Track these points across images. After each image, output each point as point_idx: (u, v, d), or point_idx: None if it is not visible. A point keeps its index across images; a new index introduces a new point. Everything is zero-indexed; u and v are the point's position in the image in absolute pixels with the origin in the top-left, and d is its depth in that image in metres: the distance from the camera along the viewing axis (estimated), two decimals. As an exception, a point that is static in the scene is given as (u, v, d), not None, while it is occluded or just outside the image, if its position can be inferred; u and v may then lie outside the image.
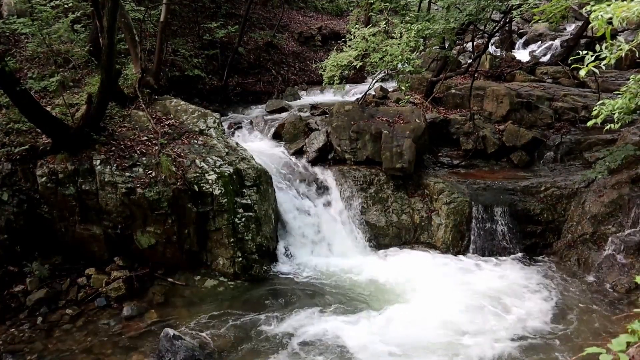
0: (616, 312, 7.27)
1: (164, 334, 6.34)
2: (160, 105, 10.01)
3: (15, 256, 7.62)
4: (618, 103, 5.65)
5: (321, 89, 15.49)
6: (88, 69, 10.30)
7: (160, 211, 7.95)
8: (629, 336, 2.55)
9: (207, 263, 8.49)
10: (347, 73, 10.43)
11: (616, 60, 4.26)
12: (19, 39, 10.54)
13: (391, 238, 9.68)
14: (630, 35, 14.96)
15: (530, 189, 9.72)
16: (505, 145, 11.03)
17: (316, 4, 22.73)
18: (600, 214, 8.76)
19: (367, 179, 10.07)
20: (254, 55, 16.71)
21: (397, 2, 11.92)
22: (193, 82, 13.86)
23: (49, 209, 7.91)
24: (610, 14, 3.52)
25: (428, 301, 7.57)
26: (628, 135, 9.50)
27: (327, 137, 10.71)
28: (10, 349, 6.55)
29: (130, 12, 10.57)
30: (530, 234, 9.46)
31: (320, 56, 17.76)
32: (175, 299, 7.76)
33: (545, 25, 18.91)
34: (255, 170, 9.09)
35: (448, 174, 10.50)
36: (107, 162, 8.02)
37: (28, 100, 7.42)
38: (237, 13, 17.74)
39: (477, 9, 10.42)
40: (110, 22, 7.40)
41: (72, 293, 7.56)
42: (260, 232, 8.63)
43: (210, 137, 9.45)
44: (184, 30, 15.39)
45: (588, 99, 11.77)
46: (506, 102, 11.62)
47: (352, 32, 10.34)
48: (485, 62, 14.95)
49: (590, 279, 8.21)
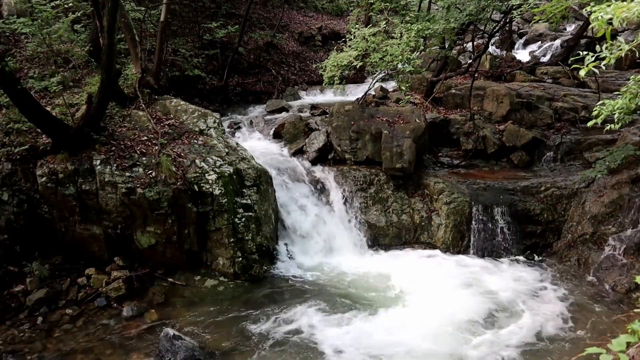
0: (616, 312, 7.27)
1: (164, 334, 6.34)
2: (160, 105, 10.01)
3: (16, 256, 7.63)
4: (618, 103, 5.65)
5: (321, 89, 15.49)
6: (88, 69, 10.30)
7: (160, 211, 7.96)
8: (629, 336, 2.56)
9: (207, 263, 8.49)
10: (347, 73, 10.43)
11: (616, 61, 4.27)
12: (19, 38, 10.53)
13: (391, 238, 9.68)
14: (631, 36, 14.96)
15: (531, 189, 9.72)
16: (505, 145, 11.03)
17: (316, 4, 22.73)
18: (600, 214, 8.76)
19: (367, 179, 10.07)
20: (254, 55, 16.71)
21: (397, 2, 11.92)
22: (193, 82, 13.87)
23: (49, 209, 7.91)
24: (611, 14, 3.52)
25: (428, 302, 7.57)
26: (628, 136, 9.50)
27: (327, 137, 10.71)
28: (10, 349, 6.55)
29: (130, 12, 10.57)
30: (530, 234, 9.46)
31: (321, 56, 17.75)
32: (176, 299, 7.76)
33: (545, 26, 18.89)
34: (255, 170, 9.10)
35: (448, 174, 10.50)
36: (107, 162, 8.03)
37: (28, 100, 7.43)
38: (237, 13, 17.73)
39: (477, 9, 10.42)
40: (111, 22, 7.40)
41: (72, 293, 7.57)
42: (260, 232, 8.63)
43: (210, 137, 9.45)
44: (184, 30, 15.39)
45: (588, 99, 11.76)
46: (506, 102, 11.62)
47: (352, 32, 10.34)
48: (485, 62, 14.95)
49: (590, 279, 8.21)
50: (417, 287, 8.02)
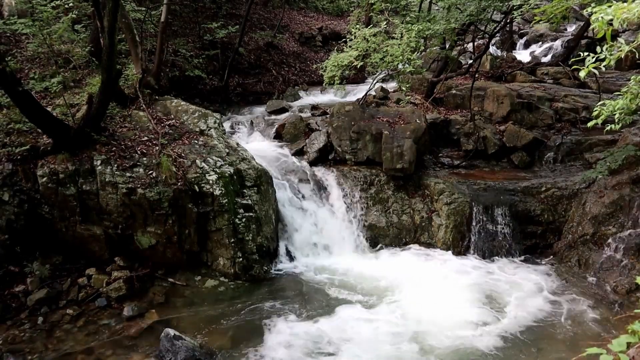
0: (616, 312, 7.27)
1: (165, 334, 6.34)
2: (160, 106, 10.02)
3: (16, 256, 7.62)
4: (619, 104, 5.65)
5: (322, 89, 15.49)
6: (89, 69, 10.31)
7: (161, 211, 7.96)
8: (629, 337, 2.56)
9: (207, 263, 8.49)
10: (348, 73, 10.44)
11: (617, 61, 4.27)
12: (19, 39, 10.55)
13: (391, 238, 9.68)
14: (631, 36, 14.98)
15: (531, 189, 9.72)
16: (505, 145, 11.03)
17: (317, 4, 22.74)
18: (600, 215, 8.76)
19: (368, 180, 10.07)
20: (255, 56, 16.72)
21: (398, 3, 11.93)
22: (194, 82, 13.88)
23: (49, 209, 7.91)
24: (611, 15, 3.53)
25: (428, 302, 7.58)
26: (629, 136, 9.50)
27: (328, 138, 10.71)
28: (11, 348, 6.55)
29: (131, 13, 10.57)
30: (531, 234, 9.46)
31: (321, 56, 17.77)
32: (176, 299, 7.77)
33: (546, 26, 18.90)
34: (255, 171, 9.10)
35: (448, 175, 10.50)
36: (107, 162, 8.03)
37: (29, 100, 7.43)
38: (237, 13, 17.75)
39: (477, 9, 10.41)
40: (111, 23, 7.41)
41: (72, 293, 7.56)
42: (260, 233, 8.63)
43: (210, 137, 9.45)
44: (185, 31, 15.40)
45: (589, 100, 11.76)
46: (507, 103, 11.62)
47: (353, 33, 10.34)
48: (486, 63, 14.95)
49: (590, 280, 8.21)
50: (417, 287, 8.02)
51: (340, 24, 20.82)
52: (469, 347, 6.59)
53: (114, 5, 7.35)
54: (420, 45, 10.41)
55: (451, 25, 10.38)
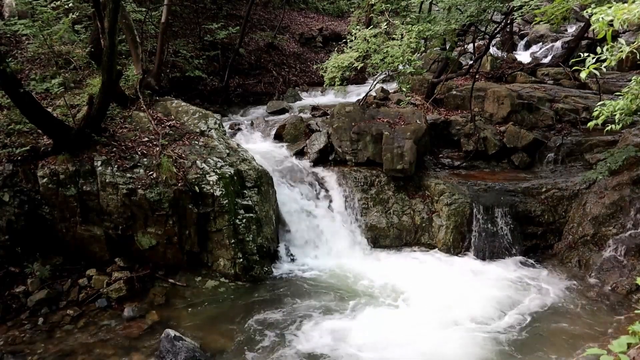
0: (617, 313, 7.27)
1: (165, 335, 6.34)
2: (161, 106, 10.03)
3: (16, 257, 7.63)
4: (619, 104, 5.65)
5: (322, 90, 15.50)
6: (89, 70, 10.31)
7: (161, 212, 7.97)
8: (629, 337, 2.56)
9: (207, 264, 8.49)
10: (348, 74, 10.43)
11: (617, 62, 4.27)
12: (20, 40, 10.56)
13: (392, 239, 9.68)
14: (632, 37, 14.97)
15: (531, 190, 9.71)
16: (506, 146, 11.03)
17: (317, 5, 22.75)
18: (601, 216, 8.76)
19: (368, 180, 10.07)
20: (255, 57, 16.74)
21: (398, 3, 11.92)
22: (194, 83, 13.89)
23: (50, 209, 7.92)
24: (611, 16, 3.53)
25: (428, 302, 7.56)
26: (629, 137, 9.50)
27: (328, 138, 10.72)
28: (11, 349, 6.56)
29: (131, 13, 10.58)
30: (531, 235, 9.46)
31: (321, 57, 17.78)
32: (176, 300, 7.77)
33: (546, 27, 18.92)
34: (256, 171, 9.10)
35: (449, 175, 10.50)
36: (108, 163, 8.04)
37: (29, 101, 7.44)
38: (238, 14, 17.77)
39: (478, 10, 10.42)
40: (112, 23, 7.41)
41: (73, 294, 7.57)
42: (261, 233, 8.63)
43: (211, 138, 9.46)
44: (185, 32, 15.42)
45: (589, 101, 11.76)
46: (507, 104, 11.62)
47: (353, 33, 10.34)
48: (486, 64, 14.95)
49: (591, 281, 8.21)
50: (418, 287, 8.01)
51: (341, 25, 20.83)
52: (469, 347, 6.58)
53: (115, 6, 7.35)
54: (420, 46, 10.41)
55: (451, 26, 10.38)
